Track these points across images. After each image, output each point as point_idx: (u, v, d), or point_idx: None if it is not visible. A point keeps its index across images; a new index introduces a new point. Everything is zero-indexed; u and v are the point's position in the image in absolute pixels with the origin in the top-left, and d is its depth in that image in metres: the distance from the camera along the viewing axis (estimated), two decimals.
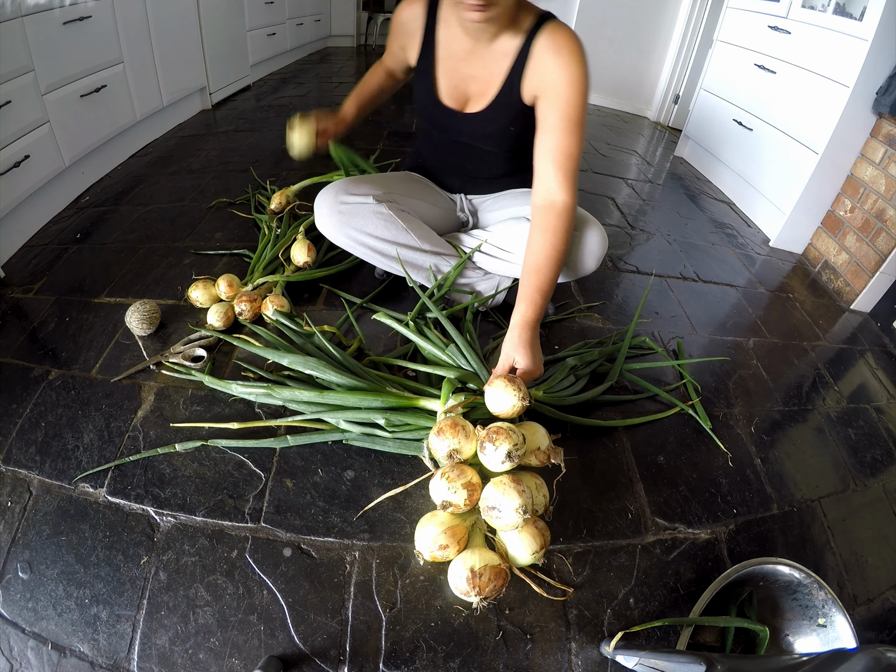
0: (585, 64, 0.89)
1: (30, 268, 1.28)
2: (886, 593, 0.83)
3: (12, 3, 1.27)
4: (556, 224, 0.88)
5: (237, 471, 0.83)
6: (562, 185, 0.89)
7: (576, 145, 0.90)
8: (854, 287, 1.55)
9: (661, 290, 1.44)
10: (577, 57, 0.88)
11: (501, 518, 0.59)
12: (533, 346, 0.81)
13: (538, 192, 0.92)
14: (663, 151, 2.65)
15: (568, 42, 0.89)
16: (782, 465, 0.99)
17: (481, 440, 0.64)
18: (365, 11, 4.52)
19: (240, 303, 1.07)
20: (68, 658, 0.64)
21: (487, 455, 0.63)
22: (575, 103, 0.88)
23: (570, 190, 0.90)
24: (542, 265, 0.86)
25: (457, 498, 0.61)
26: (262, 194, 1.62)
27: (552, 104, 0.90)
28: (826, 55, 1.62)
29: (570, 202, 0.90)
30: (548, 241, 0.87)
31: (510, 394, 0.70)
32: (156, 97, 2.02)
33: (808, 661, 0.45)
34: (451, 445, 0.64)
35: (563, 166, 0.89)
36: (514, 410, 0.71)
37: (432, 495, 0.63)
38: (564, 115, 0.89)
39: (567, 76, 0.88)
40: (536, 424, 0.71)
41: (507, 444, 0.62)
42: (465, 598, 0.58)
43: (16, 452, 0.84)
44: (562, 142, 0.89)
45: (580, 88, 0.88)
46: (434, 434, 0.66)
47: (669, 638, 0.71)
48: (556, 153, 0.89)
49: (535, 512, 0.64)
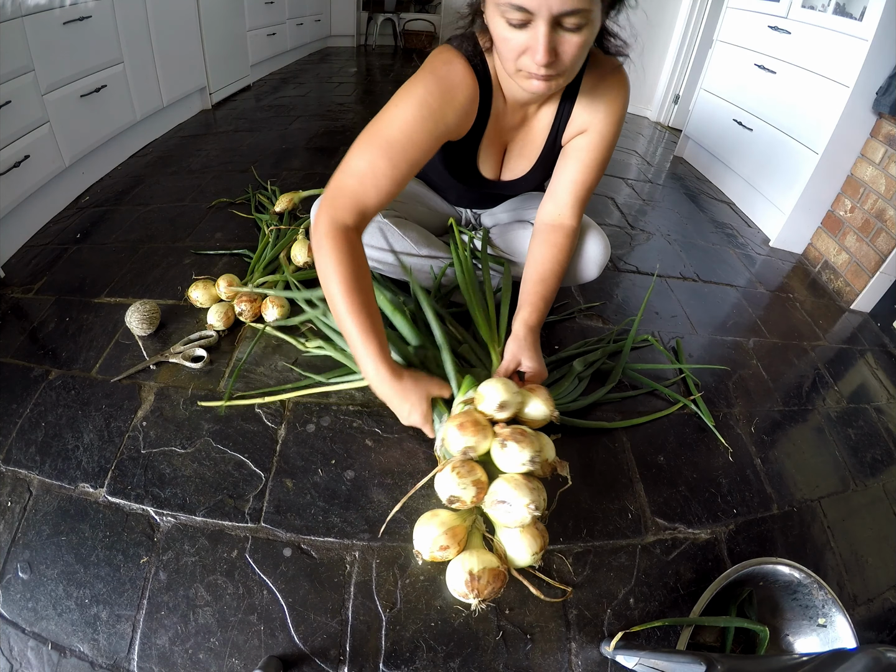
0: (625, 98, 0.85)
1: (30, 268, 1.28)
2: (886, 593, 0.83)
3: (12, 3, 1.27)
4: (563, 243, 0.89)
5: (237, 471, 0.83)
6: (574, 213, 0.91)
7: (597, 180, 0.90)
8: (854, 287, 1.55)
9: (661, 290, 1.44)
10: (618, 95, 0.83)
11: (511, 513, 0.59)
12: (537, 350, 0.82)
13: (548, 210, 0.92)
14: (663, 151, 2.65)
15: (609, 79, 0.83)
16: (782, 465, 0.99)
17: (504, 437, 0.64)
18: (365, 11, 4.52)
19: (240, 303, 1.07)
20: (68, 658, 0.64)
21: (508, 454, 0.63)
22: (610, 143, 0.87)
23: (579, 217, 0.92)
24: (547, 276, 0.87)
25: (465, 494, 0.61)
26: (262, 194, 1.62)
27: (588, 143, 0.87)
28: (826, 55, 1.62)
29: (576, 228, 0.92)
30: (554, 256, 0.88)
31: (548, 407, 0.71)
32: (156, 97, 2.02)
33: (808, 661, 0.45)
34: (468, 442, 0.64)
35: (580, 198, 0.90)
36: (543, 422, 0.73)
37: (438, 490, 0.63)
38: (597, 157, 0.87)
39: (610, 116, 0.84)
40: (544, 435, 0.71)
41: (531, 448, 0.62)
42: (463, 600, 0.58)
43: (16, 452, 0.84)
44: (587, 178, 0.89)
45: (617, 127, 0.86)
46: (456, 427, 0.66)
47: (669, 638, 0.71)
48: (577, 186, 0.89)
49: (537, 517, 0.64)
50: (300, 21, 3.62)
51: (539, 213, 0.94)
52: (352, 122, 2.47)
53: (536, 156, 0.94)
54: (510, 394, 0.68)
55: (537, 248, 0.90)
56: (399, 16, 4.56)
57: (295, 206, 1.47)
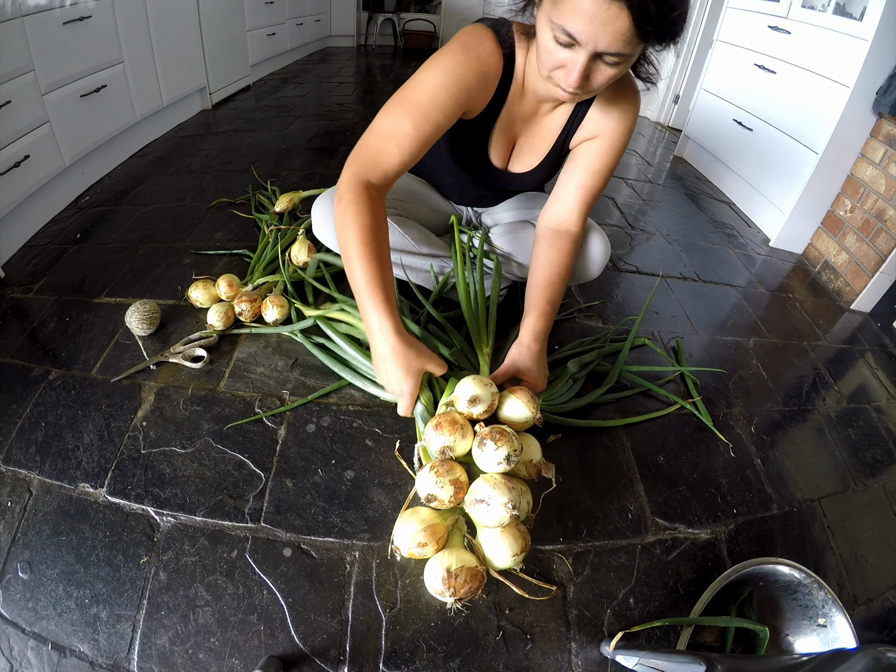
0: (636, 111, 0.87)
1: (30, 268, 1.28)
2: (886, 593, 0.83)
3: (12, 3, 1.27)
4: (568, 248, 0.90)
5: (237, 471, 0.83)
6: (579, 219, 0.92)
7: (602, 186, 0.91)
8: (854, 287, 1.55)
9: (661, 290, 1.44)
10: (629, 108, 0.86)
11: (489, 512, 0.59)
12: (541, 361, 0.81)
13: (554, 214, 0.93)
14: (663, 151, 2.65)
15: (623, 91, 0.84)
16: (782, 465, 0.98)
17: (482, 436, 0.64)
18: (365, 11, 4.53)
19: (240, 303, 1.07)
20: (68, 658, 0.64)
21: (486, 453, 0.63)
22: (619, 152, 0.88)
23: (583, 223, 0.93)
24: (553, 280, 0.88)
25: (443, 493, 0.61)
26: (262, 194, 1.62)
27: (598, 149, 0.88)
28: (826, 55, 1.62)
29: (580, 234, 0.93)
30: (560, 260, 0.89)
31: (529, 409, 0.71)
32: (156, 97, 2.02)
33: (808, 661, 0.45)
34: (446, 442, 0.64)
35: (586, 203, 0.91)
36: (524, 424, 0.72)
37: (417, 488, 0.63)
38: (604, 163, 0.88)
39: (621, 126, 0.86)
40: (531, 437, 0.71)
41: (507, 447, 0.62)
42: (439, 598, 0.58)
43: (16, 452, 0.84)
44: (594, 183, 0.90)
45: (628, 137, 0.88)
46: (432, 427, 0.66)
47: (669, 638, 0.71)
48: (584, 191, 0.90)
49: (516, 517, 0.63)
50: (300, 21, 3.62)
51: (543, 217, 0.94)
52: (352, 122, 2.48)
53: (545, 153, 0.94)
54: (481, 387, 0.68)
55: (543, 252, 0.90)
56: (399, 16, 4.56)
57: (295, 206, 1.47)
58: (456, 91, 0.76)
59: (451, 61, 0.76)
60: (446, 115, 0.77)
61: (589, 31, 0.60)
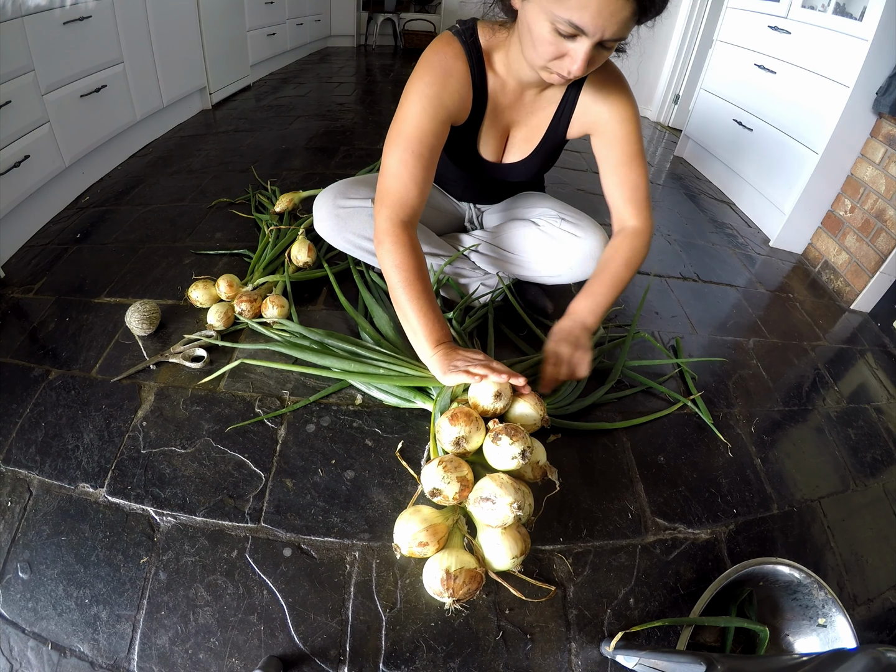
0: (632, 96, 0.88)
1: (30, 268, 1.28)
2: (886, 593, 0.83)
3: (12, 3, 1.27)
4: (621, 243, 0.92)
5: (237, 471, 0.83)
6: (633, 216, 0.92)
7: (640, 175, 0.91)
8: (854, 287, 1.55)
9: (661, 290, 1.44)
10: (624, 92, 0.87)
11: (493, 511, 0.59)
12: (572, 338, 0.86)
13: (615, 219, 0.95)
14: (663, 151, 2.65)
15: (613, 77, 0.87)
16: (782, 465, 0.98)
17: (497, 432, 0.64)
18: (365, 11, 4.52)
19: (240, 303, 1.07)
20: (68, 658, 0.64)
21: (501, 447, 0.63)
22: (632, 138, 0.88)
23: (640, 216, 0.93)
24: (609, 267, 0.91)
25: (448, 489, 0.61)
26: (262, 194, 1.62)
27: (609, 143, 0.89)
28: (826, 55, 1.62)
29: (639, 226, 0.93)
30: (613, 254, 0.92)
31: (537, 411, 0.72)
32: (156, 97, 2.02)
33: (808, 661, 0.45)
34: (461, 433, 0.64)
35: (631, 199, 0.91)
36: (532, 427, 0.73)
37: (423, 481, 0.63)
38: (624, 151, 0.89)
39: (619, 114, 0.87)
40: (536, 440, 0.72)
41: (522, 443, 0.63)
42: (438, 598, 0.58)
43: (16, 452, 0.84)
44: (628, 177, 0.90)
45: (634, 122, 0.88)
46: (447, 419, 0.66)
47: (669, 638, 0.71)
48: (623, 189, 0.91)
49: (519, 519, 0.63)
50: (300, 21, 3.62)
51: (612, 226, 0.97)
52: (352, 122, 2.48)
53: (538, 140, 0.95)
54: (501, 385, 0.70)
55: (606, 254, 0.94)
56: (399, 16, 4.56)
57: (295, 206, 1.47)
58: (434, 112, 0.81)
59: (421, 85, 0.81)
60: (437, 136, 0.82)
61: (598, 23, 0.62)
